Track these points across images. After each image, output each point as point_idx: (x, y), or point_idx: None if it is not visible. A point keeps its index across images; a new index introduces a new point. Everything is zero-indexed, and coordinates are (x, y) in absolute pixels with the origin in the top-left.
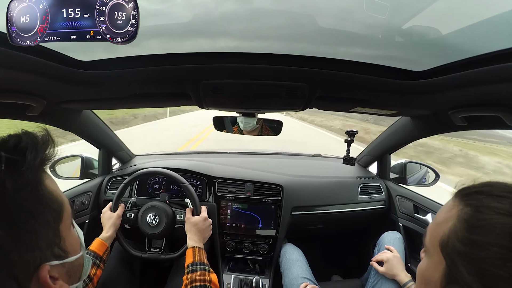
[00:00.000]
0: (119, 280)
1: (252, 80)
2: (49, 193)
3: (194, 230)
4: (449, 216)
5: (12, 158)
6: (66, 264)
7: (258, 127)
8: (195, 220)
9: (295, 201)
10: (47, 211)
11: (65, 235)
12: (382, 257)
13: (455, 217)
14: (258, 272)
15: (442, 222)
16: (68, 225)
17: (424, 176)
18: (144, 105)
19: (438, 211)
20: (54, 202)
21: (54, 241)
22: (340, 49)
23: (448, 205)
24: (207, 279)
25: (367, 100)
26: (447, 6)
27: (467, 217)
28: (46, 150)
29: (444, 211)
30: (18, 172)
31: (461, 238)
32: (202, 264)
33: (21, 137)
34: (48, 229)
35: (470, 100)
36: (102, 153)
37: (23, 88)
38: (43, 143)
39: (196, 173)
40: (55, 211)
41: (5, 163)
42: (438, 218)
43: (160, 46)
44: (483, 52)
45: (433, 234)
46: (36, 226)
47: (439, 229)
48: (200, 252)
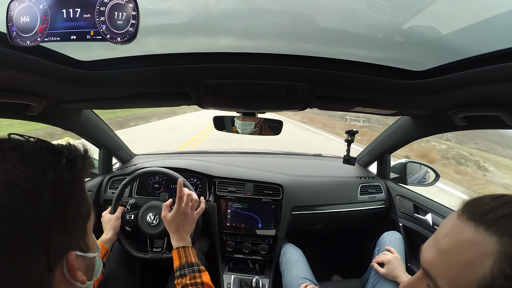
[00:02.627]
0: (119, 280)
1: (252, 80)
2: (86, 194)
3: (172, 229)
4: (484, 252)
5: (70, 157)
6: (86, 258)
7: (257, 129)
8: (170, 217)
9: (295, 201)
10: (84, 207)
11: (89, 233)
12: (383, 258)
13: (494, 253)
14: (258, 272)
15: (473, 261)
16: (91, 226)
17: (424, 176)
18: (144, 105)
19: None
20: (88, 202)
21: (82, 235)
22: (340, 49)
23: (469, 238)
24: (199, 281)
25: (367, 100)
26: (447, 6)
27: (509, 249)
28: (89, 161)
29: (467, 246)
30: (73, 169)
31: (510, 276)
32: (190, 266)
33: (71, 146)
34: (82, 223)
35: (470, 100)
36: (102, 153)
37: (23, 88)
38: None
39: (196, 172)
40: (88, 209)
41: (66, 159)
42: (462, 257)
43: (160, 44)
44: (483, 52)
45: (461, 278)
46: (77, 216)
47: (472, 270)
48: (185, 252)
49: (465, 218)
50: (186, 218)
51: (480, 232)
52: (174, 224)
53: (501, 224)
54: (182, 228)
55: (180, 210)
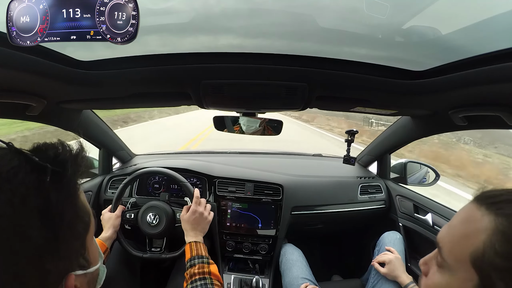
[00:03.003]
0: (119, 280)
1: (252, 80)
2: (82, 205)
3: (188, 227)
4: (479, 227)
5: (56, 170)
6: (87, 274)
7: (260, 127)
8: (187, 216)
9: (295, 201)
10: (80, 223)
11: (89, 246)
12: (383, 258)
13: (489, 229)
14: (258, 272)
15: (470, 234)
16: (92, 236)
17: (424, 176)
18: (144, 105)
19: (457, 220)
20: (86, 214)
21: (80, 252)
22: (340, 49)
23: (472, 214)
24: (206, 271)
25: (367, 100)
26: (447, 6)
27: (504, 228)
28: (83, 162)
29: (468, 221)
30: (60, 185)
31: (500, 252)
32: (200, 257)
33: (58, 147)
34: (78, 240)
35: (470, 100)
36: (102, 153)
37: (23, 88)
38: (81, 157)
39: (196, 172)
40: (85, 223)
41: (50, 175)
42: (461, 228)
43: (161, 43)
44: (483, 52)
45: (457, 248)
46: (71, 238)
47: (467, 242)
48: (197, 246)
49: (475, 200)
50: (201, 218)
51: (481, 210)
52: (190, 223)
53: (500, 206)
54: (197, 228)
55: (197, 210)
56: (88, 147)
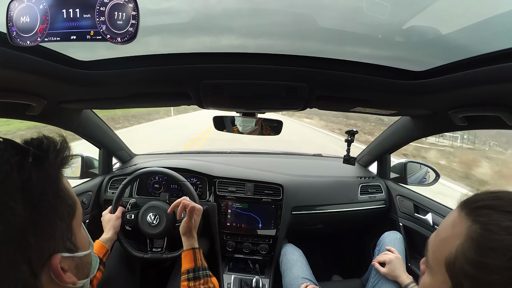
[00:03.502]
0: (119, 280)
1: (252, 80)
2: (65, 190)
3: (194, 233)
4: (456, 233)
5: (38, 153)
6: (75, 258)
7: (258, 128)
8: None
9: (295, 201)
10: (63, 205)
11: (76, 231)
12: (384, 258)
13: (463, 235)
14: (258, 272)
15: (447, 238)
16: (79, 222)
17: (424, 176)
18: (144, 105)
19: (442, 224)
20: (69, 198)
21: (67, 235)
22: (340, 49)
23: (453, 219)
24: (211, 286)
25: (367, 100)
26: (447, 6)
27: (476, 236)
28: (64, 152)
29: (449, 225)
30: (42, 166)
31: (470, 260)
32: (204, 270)
33: (43, 139)
34: (63, 222)
35: (470, 100)
36: (102, 153)
37: (23, 88)
38: (62, 147)
39: (197, 172)
40: (69, 206)
41: (32, 157)
42: (443, 233)
43: (162, 44)
44: (483, 52)
45: (437, 251)
46: (54, 217)
47: (445, 246)
48: (200, 255)
49: (461, 204)
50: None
51: (461, 216)
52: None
53: (478, 213)
54: (194, 231)
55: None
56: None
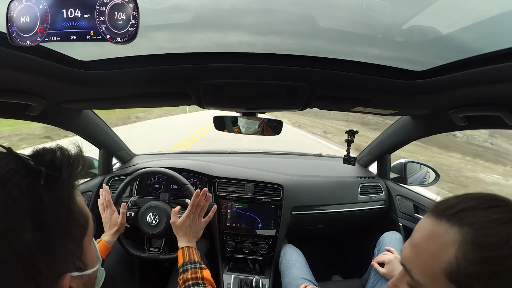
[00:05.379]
0: (118, 279)
1: (252, 80)
2: (78, 209)
3: (181, 232)
4: (445, 242)
5: (51, 173)
6: (84, 276)
7: (259, 128)
8: (179, 222)
9: (295, 201)
10: (76, 226)
11: (86, 249)
12: (383, 258)
13: (456, 242)
14: (258, 272)
15: (437, 251)
16: (90, 239)
17: (424, 176)
18: (144, 105)
19: (420, 240)
20: (82, 217)
21: (77, 254)
22: (340, 49)
23: (434, 230)
24: (199, 276)
25: (367, 100)
26: (447, 6)
27: (471, 237)
28: (79, 167)
29: (432, 238)
30: (54, 188)
31: (475, 261)
32: (192, 263)
33: (56, 152)
34: (74, 243)
35: (470, 99)
36: (102, 153)
37: (23, 88)
38: (77, 161)
39: (196, 172)
40: (82, 226)
41: (44, 179)
42: (428, 248)
43: (169, 39)
44: (483, 52)
45: (429, 267)
46: (65, 240)
47: (437, 259)
48: (189, 251)
49: (431, 215)
50: (194, 224)
51: (442, 224)
52: (183, 230)
53: (460, 216)
54: (190, 234)
55: (190, 217)
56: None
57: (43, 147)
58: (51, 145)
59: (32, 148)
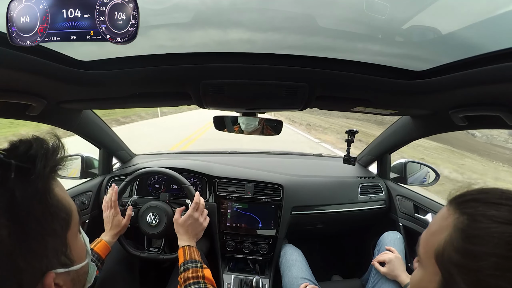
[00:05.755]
0: (118, 279)
1: (252, 80)
2: (57, 202)
3: (182, 230)
4: (444, 225)
5: (22, 166)
6: (71, 272)
7: (259, 127)
8: (181, 220)
9: (295, 201)
10: (55, 220)
11: (72, 243)
12: (384, 257)
13: (451, 227)
14: (258, 272)
15: (436, 232)
16: (75, 232)
17: (424, 176)
18: (144, 105)
19: (432, 220)
20: (62, 210)
21: (61, 250)
22: (340, 49)
23: (443, 214)
24: (200, 275)
25: (367, 99)
26: (447, 6)
27: (463, 226)
28: (56, 157)
29: (438, 220)
30: (27, 181)
31: (457, 249)
32: (193, 262)
33: (31, 143)
34: (56, 238)
35: (470, 99)
36: (102, 153)
37: (23, 88)
38: (53, 150)
39: (196, 172)
40: (63, 219)
41: (15, 172)
42: (432, 227)
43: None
44: (483, 52)
45: (427, 245)
46: (44, 235)
47: (434, 239)
48: (190, 250)
49: (450, 201)
50: (196, 223)
51: (449, 209)
52: (184, 228)
53: (465, 206)
54: (191, 233)
55: (193, 216)
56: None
57: (19, 139)
58: (28, 136)
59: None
